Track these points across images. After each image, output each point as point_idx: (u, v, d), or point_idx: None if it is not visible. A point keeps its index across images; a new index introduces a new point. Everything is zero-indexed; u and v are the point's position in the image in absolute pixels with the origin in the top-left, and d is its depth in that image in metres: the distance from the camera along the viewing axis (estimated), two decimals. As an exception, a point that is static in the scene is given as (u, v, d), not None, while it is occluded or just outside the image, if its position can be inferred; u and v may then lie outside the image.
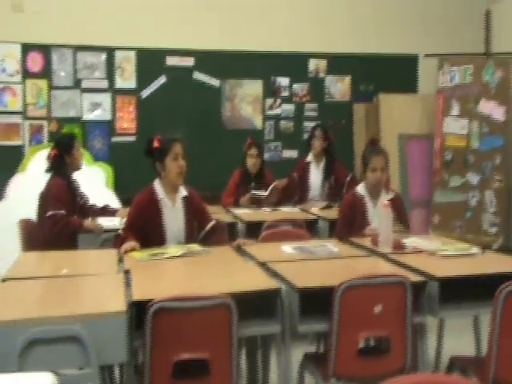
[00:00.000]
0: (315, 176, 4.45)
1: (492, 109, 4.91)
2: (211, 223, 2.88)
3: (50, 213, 3.22)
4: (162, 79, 5.11)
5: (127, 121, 5.09)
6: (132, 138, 5.08)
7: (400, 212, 3.06)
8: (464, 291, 2.15)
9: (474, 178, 4.92)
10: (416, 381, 1.27)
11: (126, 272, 2.17)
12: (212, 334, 1.83)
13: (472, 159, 4.95)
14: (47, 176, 3.40)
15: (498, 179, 4.88)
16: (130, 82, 5.07)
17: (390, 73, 5.45)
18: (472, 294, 2.15)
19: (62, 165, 3.39)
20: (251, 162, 4.33)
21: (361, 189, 3.14)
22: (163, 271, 2.29)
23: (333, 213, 3.82)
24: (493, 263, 2.45)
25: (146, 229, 2.69)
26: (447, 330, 2.91)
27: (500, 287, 1.93)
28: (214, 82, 5.22)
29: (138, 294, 1.86)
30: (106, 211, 3.66)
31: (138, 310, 1.79)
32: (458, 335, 2.91)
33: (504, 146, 4.88)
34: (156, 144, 2.73)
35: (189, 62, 5.15)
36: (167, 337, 1.78)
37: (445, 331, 2.90)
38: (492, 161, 4.90)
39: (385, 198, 2.99)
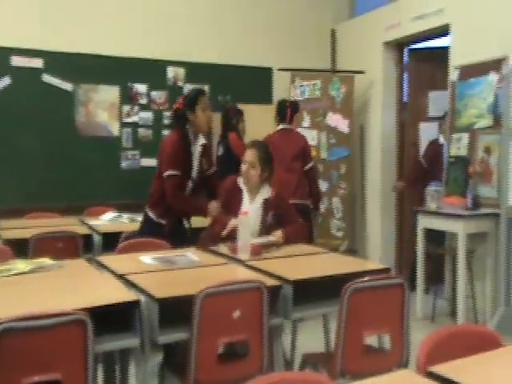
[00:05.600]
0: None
1: (338, 121, 5.35)
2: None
3: (167, 173, 3.06)
4: (6, 80, 4.72)
5: (-35, 124, 4.61)
6: (-29, 144, 4.62)
7: (282, 212, 2.94)
8: (313, 291, 2.30)
9: (323, 186, 5.31)
10: (271, 381, 1.33)
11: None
12: (65, 352, 1.73)
13: (321, 168, 5.34)
14: None
15: (343, 187, 5.32)
16: (-31, 82, 4.61)
17: (247, 84, 5.64)
18: (320, 294, 2.31)
19: (181, 120, 3.14)
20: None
21: (240, 179, 2.99)
22: (11, 289, 2.11)
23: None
24: (339, 264, 2.67)
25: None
26: (300, 329, 3.09)
27: (345, 286, 2.10)
28: (66, 85, 4.95)
29: (-20, 316, 1.69)
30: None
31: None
32: (310, 333, 3.11)
33: (349, 156, 5.34)
34: None
35: (38, 63, 4.82)
36: (16, 359, 1.64)
37: (298, 330, 3.08)
38: (338, 170, 5.34)
39: (261, 197, 2.94)
